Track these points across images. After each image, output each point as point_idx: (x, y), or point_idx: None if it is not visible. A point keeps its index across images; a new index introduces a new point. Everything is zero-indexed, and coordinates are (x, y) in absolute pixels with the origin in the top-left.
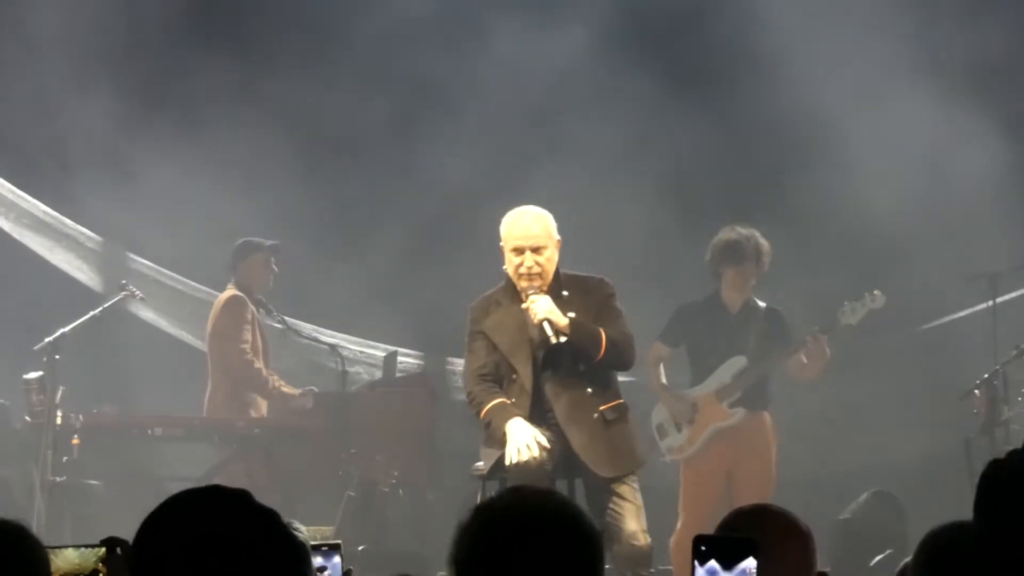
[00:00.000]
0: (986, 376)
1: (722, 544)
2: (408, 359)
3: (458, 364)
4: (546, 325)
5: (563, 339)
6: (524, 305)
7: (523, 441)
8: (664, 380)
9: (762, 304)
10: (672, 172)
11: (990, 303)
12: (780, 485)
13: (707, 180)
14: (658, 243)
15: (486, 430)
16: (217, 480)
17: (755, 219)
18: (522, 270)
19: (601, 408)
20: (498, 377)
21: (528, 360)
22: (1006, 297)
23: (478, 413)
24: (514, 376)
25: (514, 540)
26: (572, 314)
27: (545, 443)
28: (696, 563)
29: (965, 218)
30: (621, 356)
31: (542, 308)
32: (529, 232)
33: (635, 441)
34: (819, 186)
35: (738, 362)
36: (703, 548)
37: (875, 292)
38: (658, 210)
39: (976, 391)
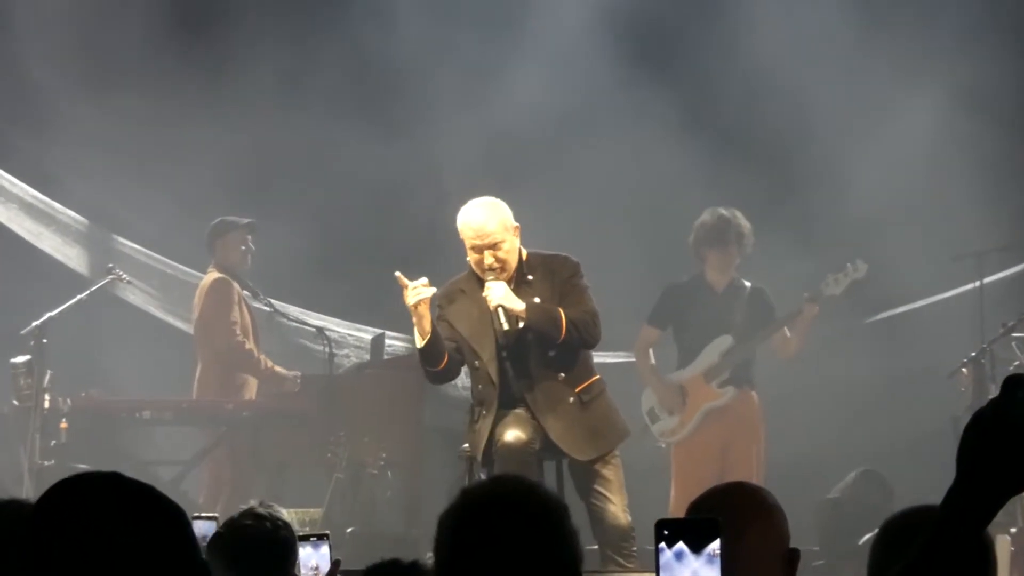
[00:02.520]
0: (973, 355)
1: (686, 527)
2: (396, 342)
3: None
4: (500, 312)
5: (521, 324)
6: (484, 292)
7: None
8: (653, 364)
9: (747, 283)
10: (657, 152)
11: (977, 283)
12: (767, 464)
13: (693, 163)
14: (645, 225)
15: (423, 368)
16: (207, 462)
17: (741, 203)
18: (484, 268)
19: (576, 391)
20: (462, 362)
21: (492, 348)
22: (993, 277)
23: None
24: (477, 364)
25: (488, 527)
26: (537, 299)
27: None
28: (663, 547)
29: (950, 199)
30: (584, 336)
31: (496, 295)
32: (483, 230)
33: (614, 416)
34: (805, 168)
35: (725, 341)
36: (666, 532)
37: (857, 262)
38: (644, 189)
39: (963, 369)
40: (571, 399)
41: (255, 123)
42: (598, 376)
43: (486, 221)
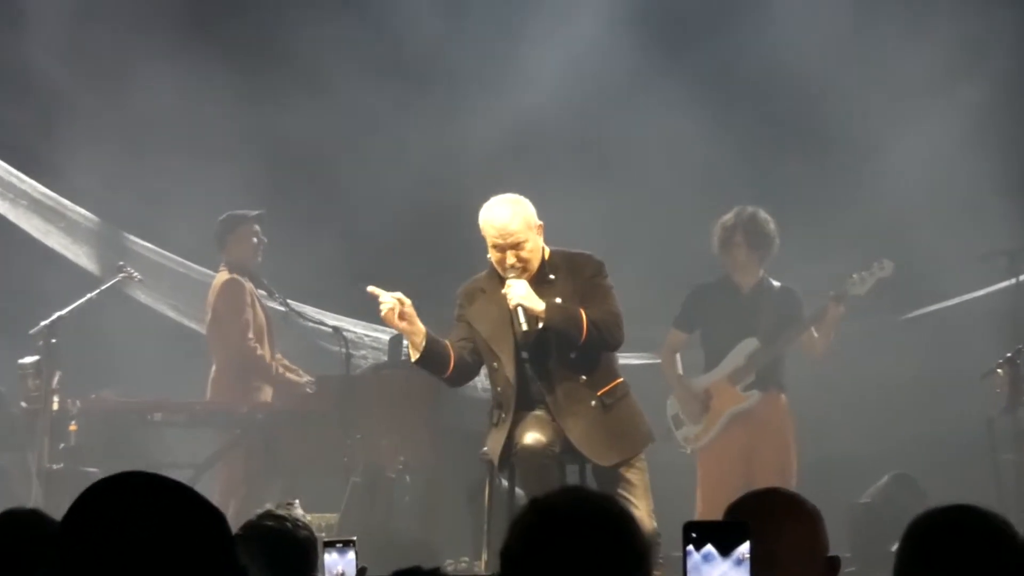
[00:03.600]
0: (1008, 355)
1: (715, 529)
2: None
3: None
4: (519, 312)
5: (540, 325)
6: (503, 290)
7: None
8: (680, 370)
9: (776, 283)
10: (684, 147)
11: (1012, 281)
12: (803, 467)
13: (720, 158)
14: (672, 221)
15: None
16: (220, 465)
17: (766, 201)
18: (505, 267)
19: (599, 394)
20: (479, 362)
21: (511, 349)
22: None
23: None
24: (496, 365)
25: (569, 541)
26: (559, 299)
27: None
28: (691, 549)
29: (982, 193)
30: (605, 337)
31: (516, 294)
32: (506, 230)
33: (638, 420)
34: (832, 166)
35: (750, 344)
36: (694, 535)
37: (883, 260)
38: (670, 184)
39: (999, 370)
40: (593, 402)
41: (273, 117)
42: (622, 379)
43: (509, 220)
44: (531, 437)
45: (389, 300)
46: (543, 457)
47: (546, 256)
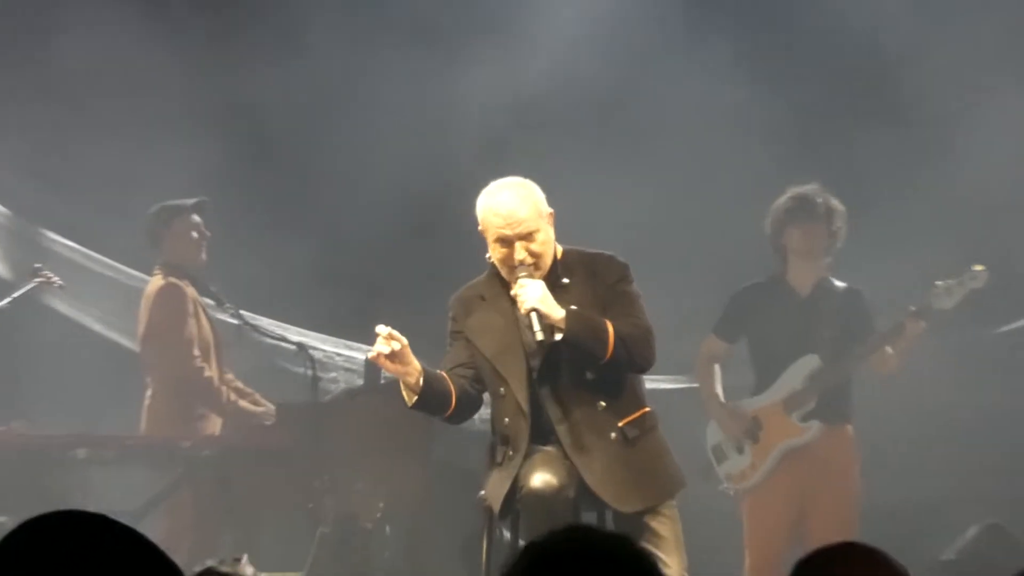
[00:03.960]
0: None
1: None
2: None
3: None
4: (533, 317)
5: (557, 336)
6: (513, 291)
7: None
8: (719, 389)
9: (839, 284)
10: (723, 125)
11: None
12: (862, 515)
13: (767, 138)
14: (709, 216)
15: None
16: (159, 512)
17: (827, 187)
18: (514, 264)
19: (620, 424)
20: (482, 391)
21: (522, 367)
22: None
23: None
24: (503, 391)
25: None
26: (574, 307)
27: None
28: None
29: None
30: (634, 355)
31: (531, 296)
32: (514, 217)
33: (667, 459)
34: (911, 144)
35: (810, 362)
36: None
37: (975, 268)
38: (707, 171)
39: None
40: (613, 434)
41: (228, 86)
42: (649, 408)
43: (517, 205)
44: (540, 479)
45: (381, 345)
46: (555, 503)
47: (558, 255)
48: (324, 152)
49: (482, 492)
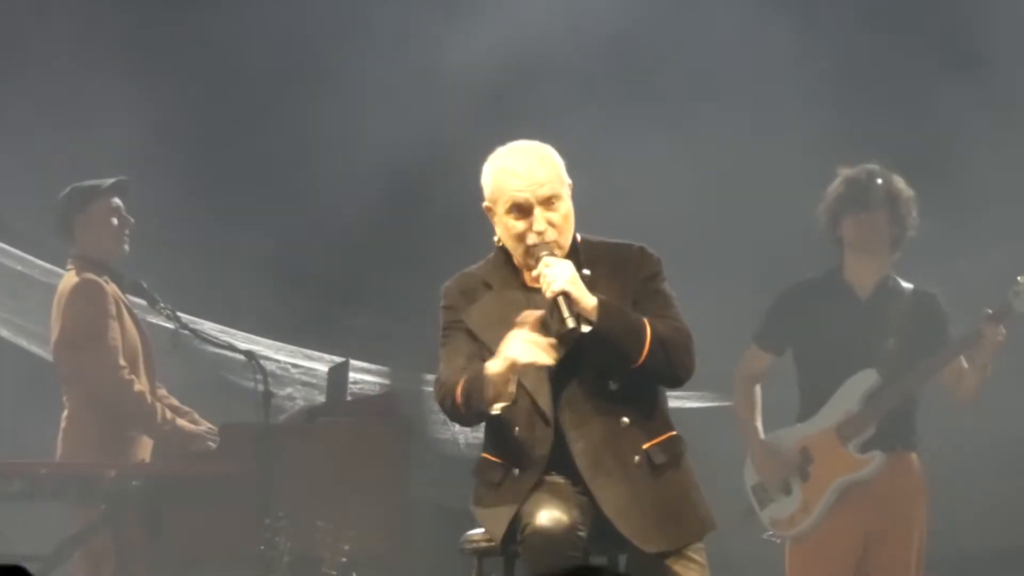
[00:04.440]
0: None
1: None
2: (365, 375)
3: None
4: (562, 302)
5: (585, 328)
6: (536, 271)
7: (524, 345)
8: (759, 422)
9: (907, 285)
10: (758, 95)
11: None
12: (932, 564)
13: (810, 112)
14: (744, 204)
15: (467, 409)
16: (78, 557)
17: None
18: (531, 238)
19: (645, 447)
20: None
21: (541, 368)
22: None
23: (452, 403)
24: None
25: None
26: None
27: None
28: None
29: None
30: (672, 361)
31: (560, 275)
32: (534, 177)
33: (697, 492)
34: (996, 113)
35: (867, 378)
36: None
37: None
38: (741, 152)
39: None
40: (637, 457)
41: (163, 37)
42: (676, 432)
43: (536, 164)
44: (548, 515)
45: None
46: (564, 546)
47: (578, 241)
48: (280, 123)
49: (471, 532)
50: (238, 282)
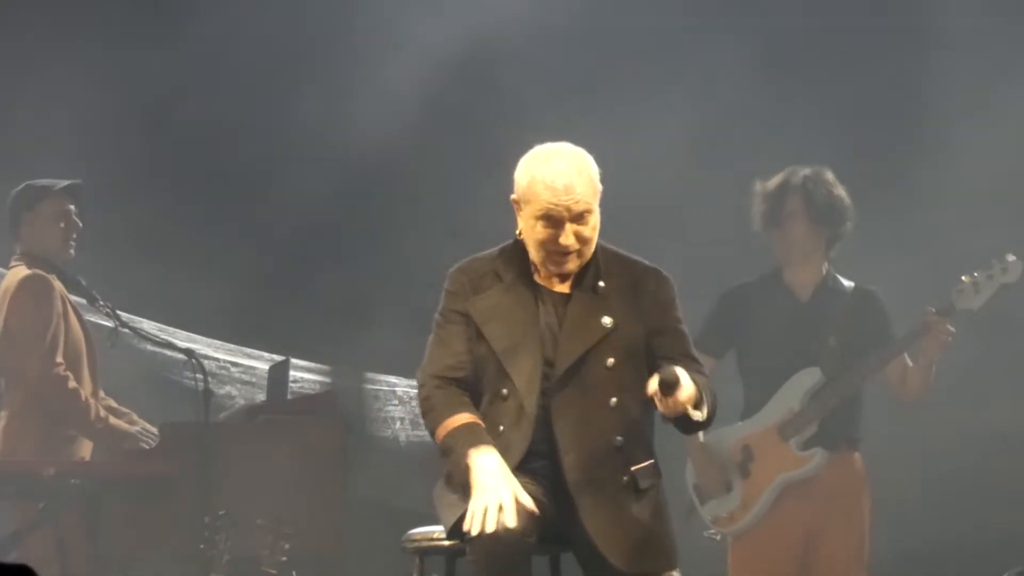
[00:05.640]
0: None
1: None
2: (306, 373)
3: (383, 383)
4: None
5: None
6: (678, 388)
7: (495, 498)
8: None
9: (847, 283)
10: (709, 99)
11: None
12: (876, 562)
13: (760, 112)
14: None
15: (443, 459)
16: (16, 556)
17: (830, 163)
18: (556, 248)
19: (633, 469)
20: (479, 387)
21: (535, 368)
22: None
23: (432, 431)
24: (505, 392)
25: None
26: (608, 319)
27: (530, 505)
28: None
29: None
30: (712, 416)
31: (688, 396)
32: (572, 193)
33: (671, 522)
34: (923, 120)
35: (810, 376)
36: None
37: (1008, 258)
38: (691, 151)
39: None
40: (625, 478)
41: (110, 60)
42: (655, 460)
43: (575, 178)
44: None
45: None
46: (515, 553)
47: (597, 251)
48: (223, 123)
49: (412, 532)
50: (178, 280)
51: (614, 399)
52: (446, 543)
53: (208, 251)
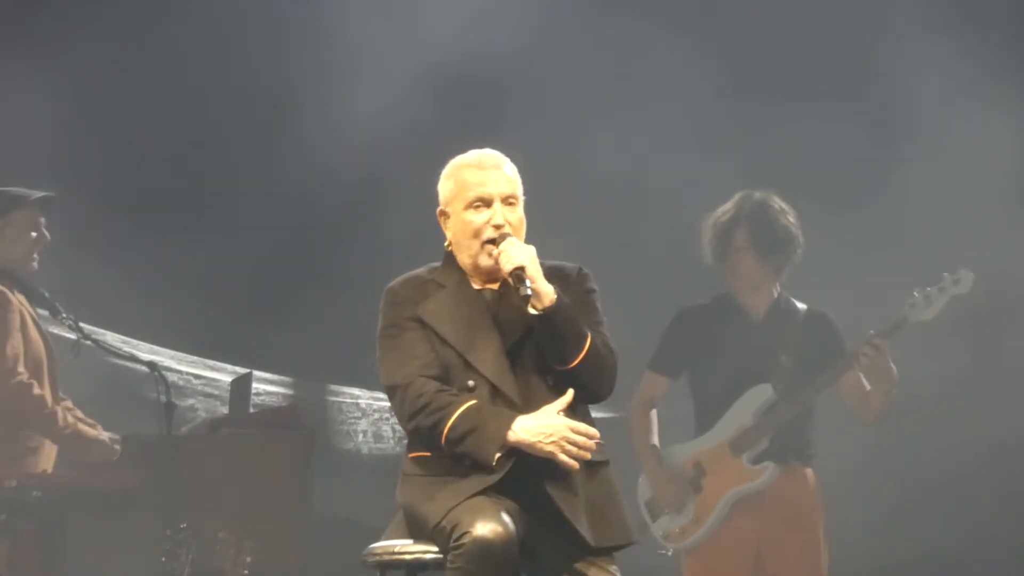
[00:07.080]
0: None
1: None
2: (268, 386)
3: (345, 395)
4: (521, 274)
5: (533, 311)
6: (497, 250)
7: (560, 431)
8: (655, 436)
9: (801, 306)
10: (668, 117)
11: None
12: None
13: (720, 133)
14: (649, 220)
15: (453, 452)
16: None
17: (781, 187)
18: (488, 232)
19: None
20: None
21: (497, 354)
22: None
23: (434, 425)
24: (472, 383)
25: None
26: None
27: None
28: None
29: None
30: (599, 377)
31: (518, 253)
32: (500, 171)
33: (623, 500)
34: (883, 134)
35: (761, 393)
36: None
37: (959, 272)
38: (648, 171)
39: None
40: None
41: (78, 71)
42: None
43: (500, 164)
44: (486, 526)
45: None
46: (503, 556)
47: None
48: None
49: (374, 545)
50: (141, 293)
51: (550, 378)
52: (407, 557)
53: (171, 264)
